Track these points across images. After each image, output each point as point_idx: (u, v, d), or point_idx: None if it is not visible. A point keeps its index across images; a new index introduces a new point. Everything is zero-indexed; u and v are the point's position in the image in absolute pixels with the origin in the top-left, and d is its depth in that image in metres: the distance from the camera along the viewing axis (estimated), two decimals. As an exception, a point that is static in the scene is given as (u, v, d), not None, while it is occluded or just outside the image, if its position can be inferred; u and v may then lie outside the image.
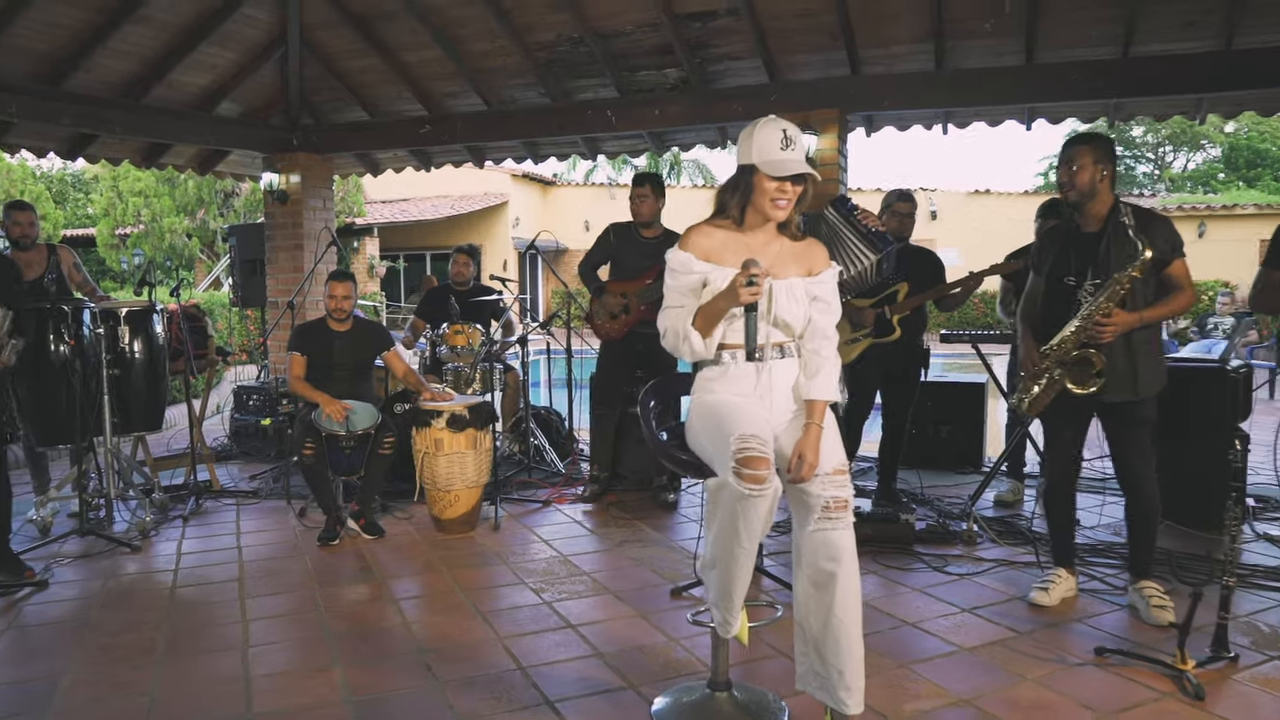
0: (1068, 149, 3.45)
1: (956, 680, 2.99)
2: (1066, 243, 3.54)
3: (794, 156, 2.42)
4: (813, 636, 2.46)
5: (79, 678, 3.05)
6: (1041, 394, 3.51)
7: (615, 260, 5.16)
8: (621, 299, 5.05)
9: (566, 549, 4.47)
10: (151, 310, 4.99)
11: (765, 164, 2.43)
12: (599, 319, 5.17)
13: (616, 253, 5.14)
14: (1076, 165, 3.39)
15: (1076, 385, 3.41)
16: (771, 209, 2.45)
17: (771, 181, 2.43)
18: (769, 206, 2.45)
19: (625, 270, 5.10)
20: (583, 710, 2.78)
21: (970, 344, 5.36)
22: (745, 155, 2.49)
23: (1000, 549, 4.37)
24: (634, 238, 5.09)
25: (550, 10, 5.93)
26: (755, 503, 2.25)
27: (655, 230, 5.07)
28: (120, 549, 4.46)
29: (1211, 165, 31.00)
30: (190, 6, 5.98)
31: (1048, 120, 6.32)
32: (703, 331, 2.44)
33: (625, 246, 5.11)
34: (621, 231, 5.16)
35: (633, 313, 5.04)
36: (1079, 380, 3.40)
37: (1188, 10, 5.12)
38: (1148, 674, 2.99)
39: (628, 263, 5.08)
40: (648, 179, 5.06)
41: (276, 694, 2.91)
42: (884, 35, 5.64)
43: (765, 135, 2.45)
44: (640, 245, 5.05)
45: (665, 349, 2.54)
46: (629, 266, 5.07)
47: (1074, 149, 3.42)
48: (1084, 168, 3.38)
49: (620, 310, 5.06)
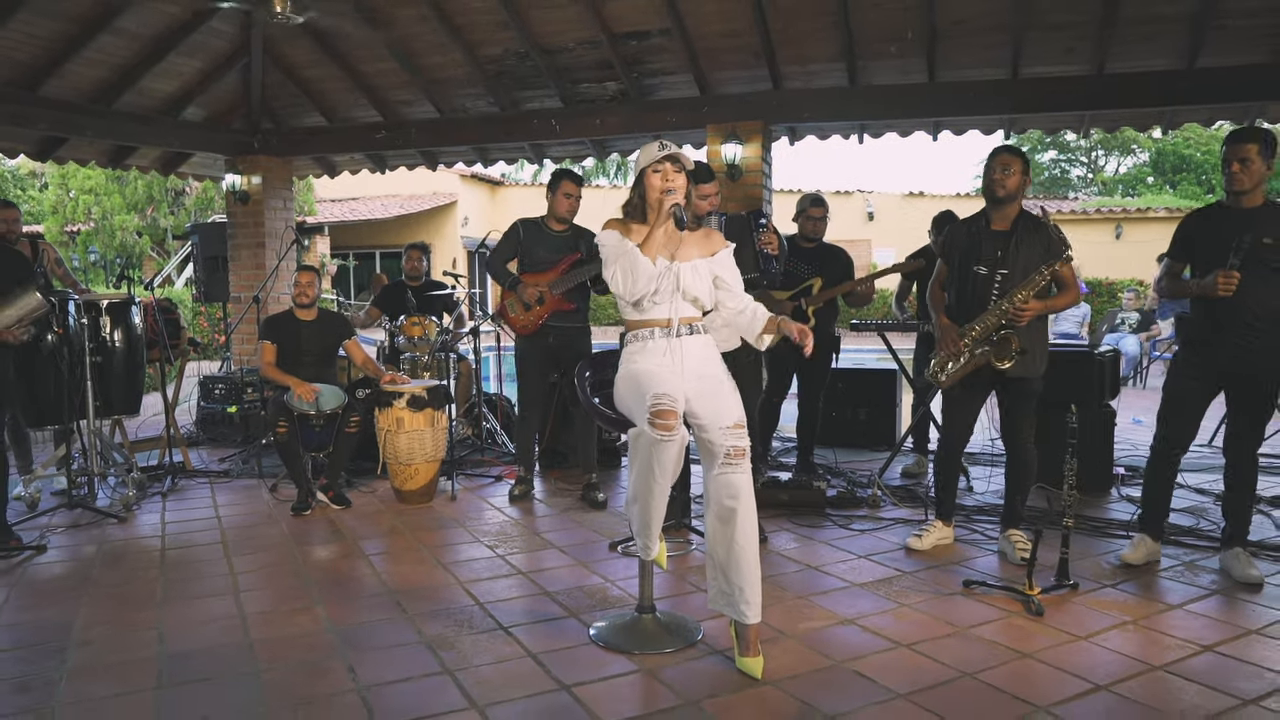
0: (1004, 154, 4.00)
1: (845, 607, 3.58)
2: (977, 236, 4.11)
3: (668, 152, 3.02)
4: (720, 562, 3.02)
5: (92, 618, 3.50)
6: (962, 368, 4.06)
7: (525, 254, 5.23)
8: (536, 290, 5.15)
9: (517, 515, 5.00)
10: (130, 302, 5.40)
11: (649, 161, 3.05)
12: (513, 312, 5.25)
13: (527, 247, 5.22)
14: (1011, 169, 3.98)
15: (999, 361, 3.96)
16: (665, 198, 2.98)
17: (655, 173, 3.02)
18: (662, 194, 2.99)
19: (536, 263, 5.19)
20: (532, 633, 3.32)
21: (877, 332, 5.99)
22: (636, 168, 3.13)
23: (900, 510, 5.00)
24: (544, 232, 5.22)
25: (498, 28, 6.45)
26: (666, 446, 2.83)
27: (564, 225, 5.23)
28: (107, 520, 4.88)
29: (1140, 169, 32.36)
30: (160, 19, 6.38)
31: (952, 132, 7.00)
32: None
33: (535, 241, 5.21)
34: (530, 227, 5.25)
35: (546, 303, 5.16)
36: (1001, 357, 3.96)
37: (1066, 38, 5.82)
38: (1003, 600, 3.62)
39: (538, 256, 5.19)
40: (579, 180, 5.30)
41: (269, 626, 3.40)
42: (802, 54, 6.26)
43: (647, 149, 3.09)
44: (550, 239, 5.20)
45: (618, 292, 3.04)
46: (540, 259, 5.18)
47: (1011, 156, 4.00)
48: (1015, 173, 3.99)
49: (535, 301, 5.16)
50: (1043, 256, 3.95)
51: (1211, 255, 3.80)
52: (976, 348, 4.01)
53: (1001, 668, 3.00)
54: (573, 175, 5.27)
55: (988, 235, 4.08)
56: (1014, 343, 3.93)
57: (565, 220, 5.22)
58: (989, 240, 4.07)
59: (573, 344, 5.25)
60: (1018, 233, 4.01)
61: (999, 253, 4.01)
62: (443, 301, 6.72)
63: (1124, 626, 3.35)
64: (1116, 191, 30.70)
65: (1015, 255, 3.98)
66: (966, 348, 4.03)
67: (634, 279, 2.97)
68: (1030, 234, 3.98)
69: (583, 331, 5.34)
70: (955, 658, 3.08)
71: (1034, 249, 3.96)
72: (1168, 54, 5.75)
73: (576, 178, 5.29)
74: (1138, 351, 11.00)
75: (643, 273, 2.97)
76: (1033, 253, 3.96)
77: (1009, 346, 3.93)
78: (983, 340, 4.00)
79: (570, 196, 5.18)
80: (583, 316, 5.34)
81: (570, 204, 5.19)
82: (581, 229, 5.28)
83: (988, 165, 4.05)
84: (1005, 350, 3.94)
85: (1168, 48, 5.71)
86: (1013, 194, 4.00)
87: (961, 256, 4.15)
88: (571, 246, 5.21)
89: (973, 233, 4.14)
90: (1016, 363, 3.94)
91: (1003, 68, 6.09)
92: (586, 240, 5.23)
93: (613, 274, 3.01)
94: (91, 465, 5.20)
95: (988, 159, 4.06)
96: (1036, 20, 5.69)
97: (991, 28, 5.83)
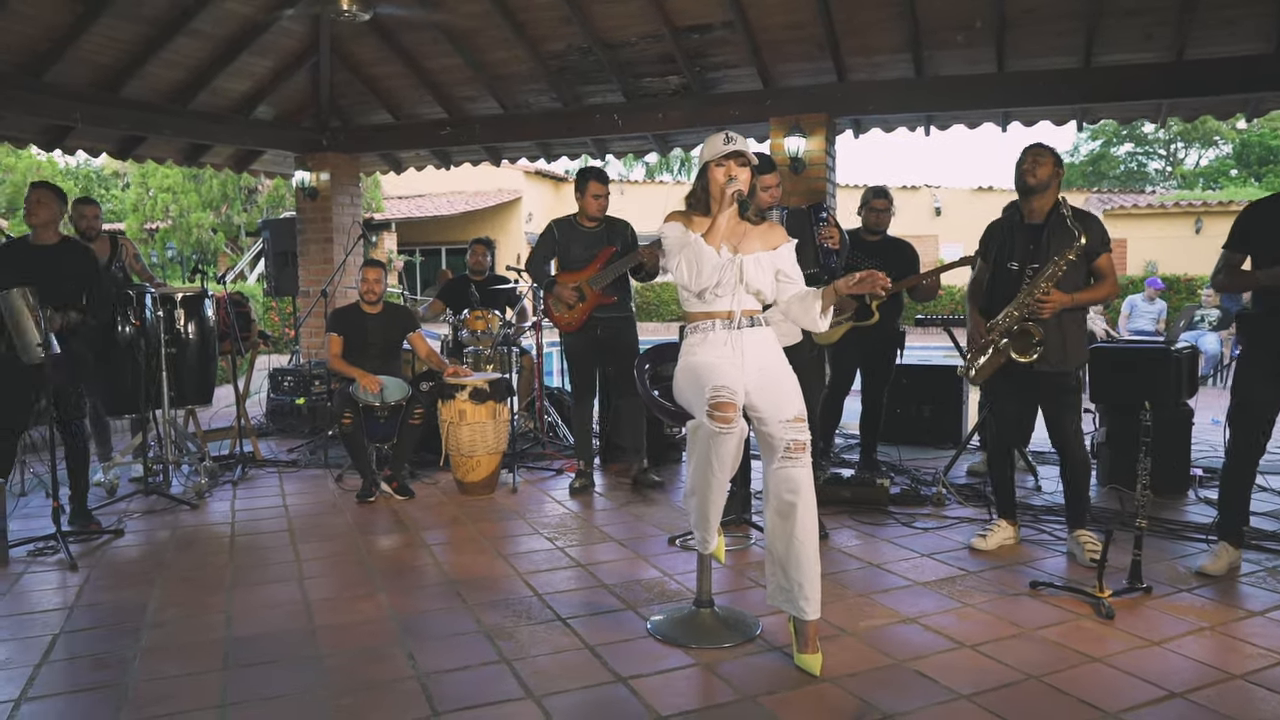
0: (1036, 147, 3.97)
1: (907, 605, 3.52)
2: (1011, 232, 4.07)
3: (734, 147, 3.00)
4: (779, 557, 2.99)
5: (165, 600, 3.61)
6: (988, 363, 4.03)
7: (563, 254, 5.30)
8: (574, 290, 5.19)
9: (577, 507, 5.02)
10: (204, 295, 5.56)
11: (713, 155, 3.03)
12: (557, 311, 5.30)
13: (563, 246, 5.29)
14: (1043, 160, 3.92)
15: (1020, 354, 3.90)
16: (727, 185, 2.97)
17: (718, 167, 3.01)
18: (725, 185, 2.97)
19: (573, 261, 5.25)
20: (590, 625, 3.32)
21: (943, 328, 5.87)
22: (700, 161, 3.12)
23: (965, 509, 4.89)
24: (578, 229, 5.27)
25: (561, 23, 6.47)
26: (725, 439, 2.81)
27: (595, 221, 5.26)
28: (180, 507, 5.03)
29: (1223, 162, 31.25)
30: (233, 20, 6.54)
31: (1021, 123, 6.82)
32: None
33: (570, 239, 5.27)
34: (564, 226, 5.32)
35: (588, 299, 5.20)
36: (1021, 350, 3.90)
37: (1144, 24, 5.63)
38: (1072, 602, 3.52)
39: (574, 254, 5.25)
40: (605, 179, 5.29)
41: (332, 612, 3.47)
42: (867, 45, 6.17)
43: (712, 141, 3.07)
44: (584, 236, 5.25)
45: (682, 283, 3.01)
46: (576, 257, 5.25)
47: (1042, 148, 3.96)
48: (1045, 164, 3.92)
49: (576, 300, 5.19)
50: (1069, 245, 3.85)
51: (1271, 246, 3.69)
52: (1000, 340, 3.93)
53: (1069, 671, 2.91)
54: (599, 174, 5.26)
55: (1020, 230, 4.02)
56: (1034, 334, 3.84)
57: (596, 218, 5.25)
58: (1021, 235, 4.01)
59: (620, 334, 5.32)
60: (1049, 226, 3.93)
61: (1030, 247, 3.94)
62: (506, 296, 6.78)
63: (1200, 633, 3.23)
64: (1197, 185, 29.65)
65: (1046, 249, 3.90)
66: (992, 342, 3.96)
67: (698, 270, 2.96)
68: (1063, 227, 3.87)
69: (628, 321, 5.41)
70: (1020, 659, 3.00)
71: (1066, 242, 3.85)
72: (1252, 38, 5.52)
73: (603, 176, 5.29)
74: (1218, 350, 10.61)
75: (707, 263, 2.95)
76: (1064, 245, 3.85)
77: (1029, 339, 3.85)
78: (1007, 332, 3.92)
79: (599, 197, 5.19)
80: (626, 306, 5.40)
81: (600, 204, 5.21)
82: (613, 219, 5.31)
83: (1019, 159, 3.99)
84: (1025, 343, 3.86)
85: (1252, 31, 5.49)
86: (1044, 183, 3.93)
87: (997, 252, 4.09)
88: (605, 240, 5.25)
89: (1008, 228, 4.08)
90: (1041, 356, 3.85)
91: (1075, 56, 5.92)
92: (619, 231, 5.28)
93: (677, 264, 3.00)
94: (166, 454, 5.37)
95: (1020, 154, 3.99)
96: (1111, 6, 5.52)
97: (1063, 15, 5.67)
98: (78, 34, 5.86)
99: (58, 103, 6.18)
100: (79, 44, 5.94)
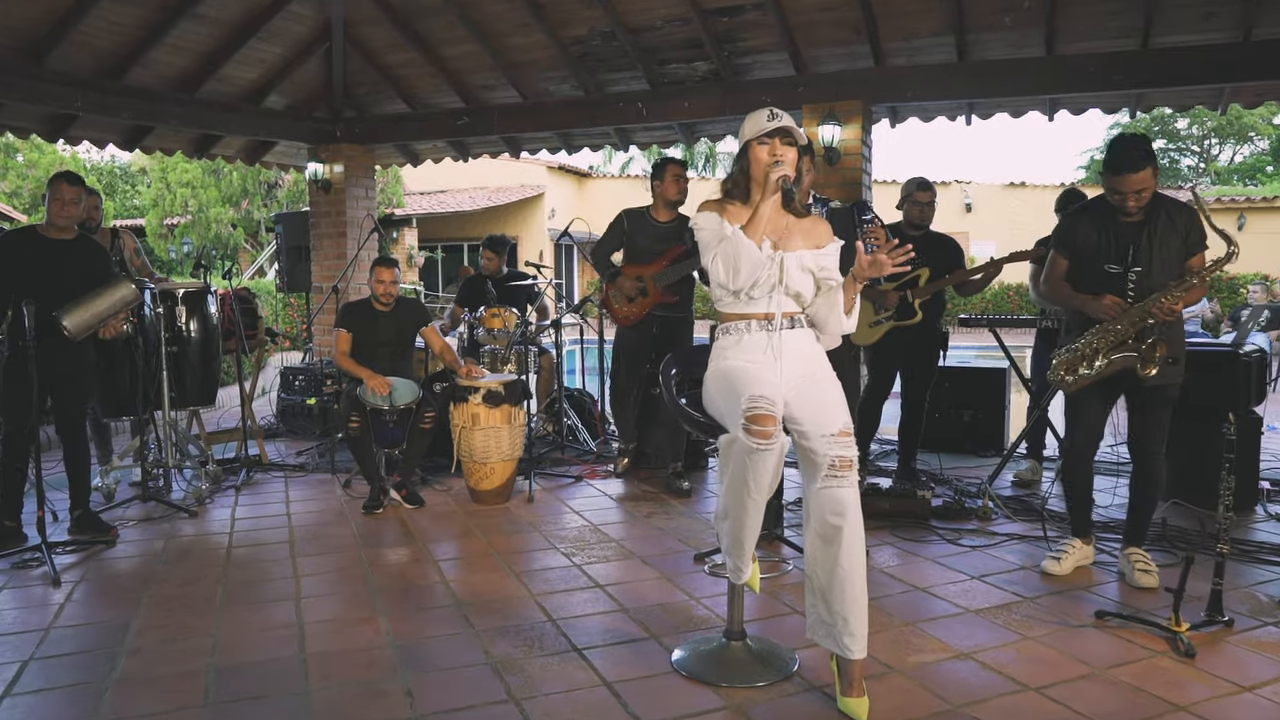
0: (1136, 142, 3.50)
1: (960, 637, 3.18)
2: (1105, 229, 3.60)
3: (780, 123, 2.68)
4: (820, 587, 2.66)
5: (148, 622, 3.33)
6: (1098, 373, 3.56)
7: (629, 245, 5.23)
8: (638, 283, 5.12)
9: (596, 519, 4.70)
10: (206, 292, 5.29)
11: (756, 133, 2.70)
12: (616, 303, 5.23)
13: (630, 237, 5.21)
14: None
15: (1145, 367, 3.46)
16: (772, 169, 2.65)
17: (762, 145, 2.68)
18: (769, 167, 2.65)
19: (640, 254, 5.17)
20: (608, 657, 3.01)
21: (988, 328, 5.50)
22: (741, 139, 2.78)
23: (1014, 524, 4.53)
24: (648, 222, 5.20)
25: (583, 5, 6.14)
26: (763, 456, 2.46)
27: (670, 214, 5.17)
28: (179, 514, 4.77)
29: (1259, 158, 30.43)
30: (241, 3, 6.26)
31: (1070, 111, 6.42)
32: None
33: (639, 231, 5.19)
34: (635, 217, 5.24)
35: (650, 295, 5.11)
36: (1147, 363, 3.46)
37: (1206, 1, 5.22)
38: (1144, 636, 3.16)
39: (642, 246, 5.16)
40: (684, 163, 5.19)
41: (327, 638, 3.17)
42: (906, 28, 5.79)
43: (755, 117, 2.74)
44: (655, 229, 5.16)
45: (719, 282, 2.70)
46: (644, 250, 5.15)
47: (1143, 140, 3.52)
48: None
49: (637, 293, 5.13)
50: (1180, 248, 3.48)
51: None
52: (1113, 352, 3.54)
53: (1152, 722, 2.57)
54: (676, 160, 5.23)
55: (1117, 227, 3.59)
56: (1160, 349, 3.45)
57: (673, 206, 5.15)
58: (1118, 233, 3.58)
59: (674, 334, 5.18)
60: (1153, 222, 3.51)
61: (1132, 247, 3.53)
62: (524, 292, 6.48)
63: (1297, 675, 2.87)
64: (1231, 181, 28.88)
65: (1150, 248, 3.50)
66: (1098, 349, 3.56)
67: (736, 267, 2.63)
68: (1168, 222, 3.49)
69: (685, 322, 5.29)
70: (1094, 707, 2.65)
71: (1172, 239, 3.48)
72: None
73: (681, 161, 5.25)
74: (1268, 351, 10.13)
75: (746, 259, 2.61)
76: (1170, 243, 3.48)
77: (1154, 354, 3.45)
78: (1119, 344, 3.53)
79: (680, 178, 5.11)
80: (687, 307, 5.28)
81: (681, 185, 5.14)
82: (687, 218, 5.09)
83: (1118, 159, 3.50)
84: (1151, 357, 3.46)
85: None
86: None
87: (1087, 253, 3.66)
88: (676, 236, 5.08)
89: (1100, 225, 3.63)
90: (1162, 370, 3.45)
91: (1131, 38, 5.51)
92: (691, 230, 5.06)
93: (712, 260, 2.67)
94: (167, 457, 5.10)
95: (1120, 150, 3.51)
96: (1172, -18, 5.12)
97: (1120, -8, 5.29)
98: (78, 17, 5.59)
99: (59, 90, 5.91)
100: (80, 27, 5.67)
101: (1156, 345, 3.45)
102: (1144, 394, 3.64)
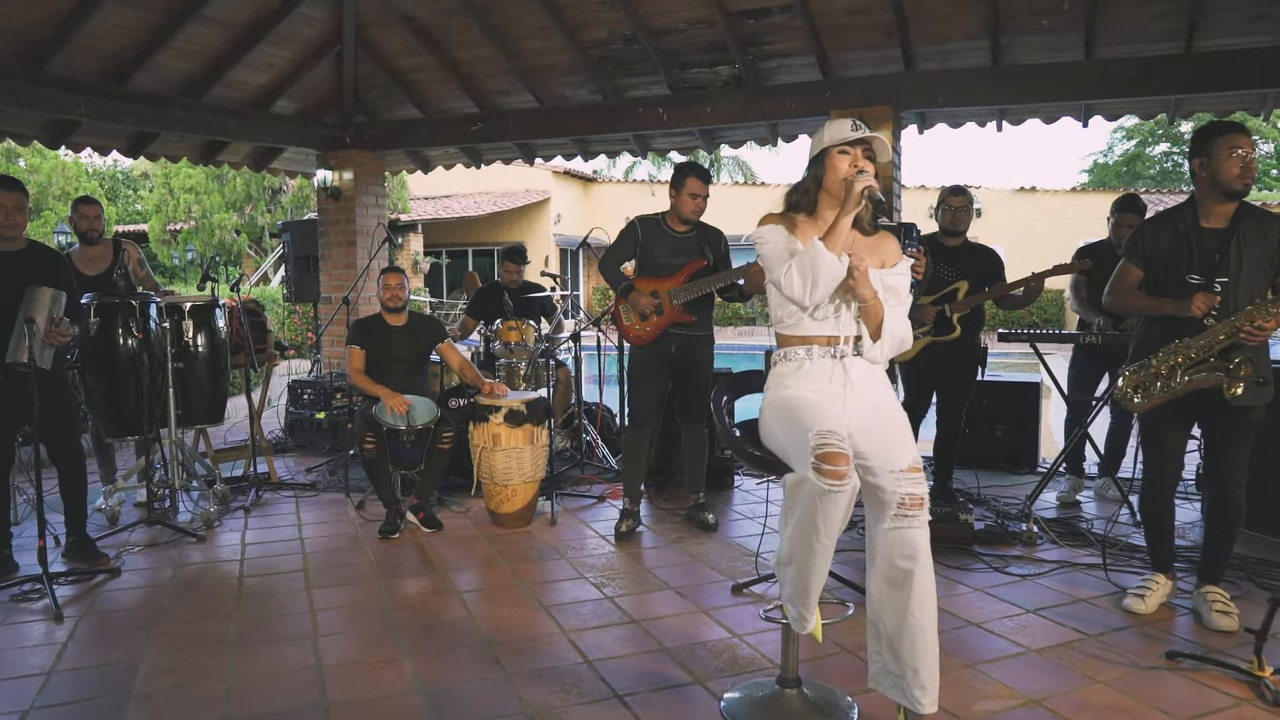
0: (1238, 134, 3.27)
1: (1025, 681, 2.96)
2: (1186, 238, 3.38)
3: (864, 134, 2.49)
4: (887, 635, 2.45)
5: (157, 664, 3.11)
6: (1174, 392, 3.35)
7: (644, 256, 4.65)
8: (653, 299, 4.58)
9: (624, 544, 4.49)
10: (214, 305, 5.08)
11: (836, 141, 2.50)
12: (627, 321, 4.70)
13: (645, 248, 4.64)
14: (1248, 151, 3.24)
15: (1233, 386, 3.22)
16: (856, 179, 2.44)
17: (843, 155, 2.49)
18: (851, 177, 2.45)
19: (655, 267, 4.61)
20: (653, 705, 2.79)
21: (1029, 343, 5.29)
22: (817, 146, 2.57)
23: (1061, 550, 4.32)
24: (665, 232, 4.63)
25: (604, 8, 5.95)
26: (835, 498, 2.25)
27: (687, 225, 4.63)
28: (186, 539, 4.55)
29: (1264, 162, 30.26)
30: (249, 6, 6.07)
31: (1104, 117, 6.25)
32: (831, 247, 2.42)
33: (654, 241, 4.62)
34: (650, 225, 4.67)
35: (666, 313, 4.59)
36: (1233, 384, 3.23)
37: (1253, 3, 5.02)
38: (1222, 679, 2.95)
39: (657, 259, 4.61)
40: (707, 177, 4.62)
41: (350, 683, 2.96)
42: (939, 31, 5.60)
43: (836, 124, 2.53)
44: (672, 240, 4.61)
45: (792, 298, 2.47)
46: (660, 263, 4.61)
47: (1247, 132, 3.31)
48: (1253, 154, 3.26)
49: (652, 311, 4.59)
50: (1270, 259, 3.26)
51: None
52: (1195, 370, 3.31)
53: (1252, 785, 2.36)
54: (700, 171, 4.55)
55: (1200, 235, 3.36)
56: (1246, 369, 3.21)
57: (689, 221, 4.61)
58: (1200, 241, 3.35)
59: (694, 353, 4.64)
60: (1239, 231, 3.29)
61: (1217, 256, 3.30)
62: (540, 304, 6.26)
63: (1398, 727, 2.65)
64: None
65: (1237, 259, 3.27)
66: (1178, 366, 3.34)
67: (814, 281, 2.40)
68: (1257, 231, 3.27)
69: (707, 339, 4.71)
70: (1187, 765, 2.44)
71: (1259, 249, 3.26)
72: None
73: (705, 174, 4.57)
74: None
75: (826, 271, 2.39)
76: (1258, 253, 3.26)
77: (1240, 372, 3.22)
78: (1200, 362, 3.30)
79: (696, 197, 4.52)
80: (707, 324, 4.71)
81: (696, 205, 4.53)
82: (707, 227, 4.66)
83: (1218, 151, 3.28)
84: (1238, 375, 3.22)
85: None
86: (1253, 178, 3.29)
87: (1167, 263, 3.42)
88: (695, 249, 4.60)
89: (1179, 233, 3.40)
90: (1247, 388, 3.22)
91: (1174, 41, 5.32)
92: (713, 240, 4.64)
93: (785, 274, 2.44)
94: (173, 478, 4.89)
95: (1218, 141, 3.29)
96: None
97: (1164, -5, 5.09)
98: (81, 20, 5.40)
99: (61, 95, 5.72)
100: (83, 31, 5.48)
101: (1243, 364, 3.22)
102: (1226, 418, 3.38)
